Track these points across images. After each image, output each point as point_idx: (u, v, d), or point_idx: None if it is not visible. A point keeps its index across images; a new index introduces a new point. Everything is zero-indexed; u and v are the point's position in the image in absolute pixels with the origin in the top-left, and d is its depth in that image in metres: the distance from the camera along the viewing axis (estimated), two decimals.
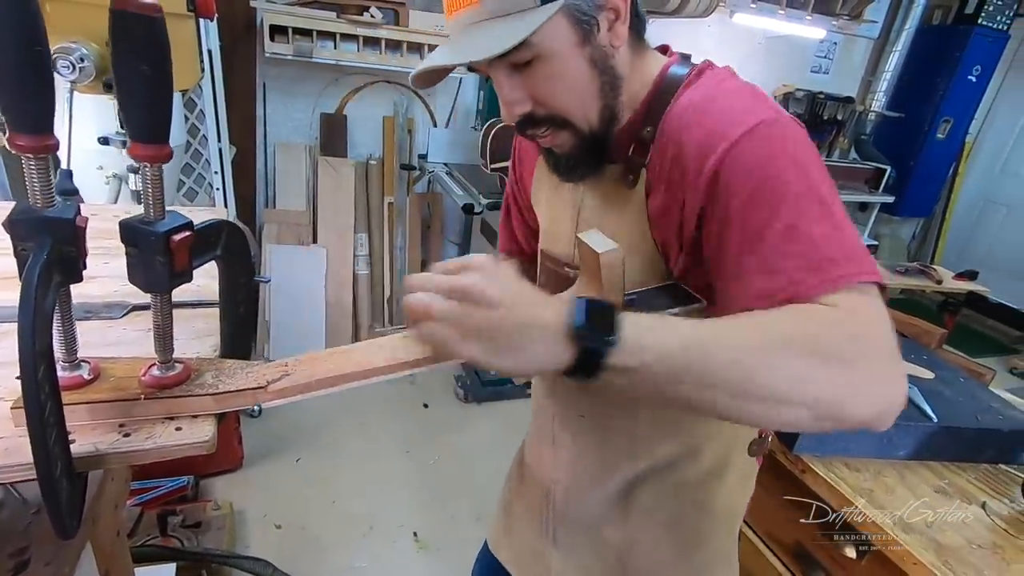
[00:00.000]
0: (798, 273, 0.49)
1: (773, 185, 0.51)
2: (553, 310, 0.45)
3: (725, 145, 0.53)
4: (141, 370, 0.53)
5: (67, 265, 0.43)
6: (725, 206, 0.54)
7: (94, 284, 0.81)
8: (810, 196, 0.51)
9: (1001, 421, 1.08)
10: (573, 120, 0.61)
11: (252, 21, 2.53)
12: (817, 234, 0.50)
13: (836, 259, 0.49)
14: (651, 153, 0.62)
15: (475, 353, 0.44)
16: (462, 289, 0.44)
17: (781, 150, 0.53)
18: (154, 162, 0.43)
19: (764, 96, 0.59)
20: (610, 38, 0.59)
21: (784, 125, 0.55)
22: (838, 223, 0.51)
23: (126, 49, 0.38)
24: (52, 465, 0.39)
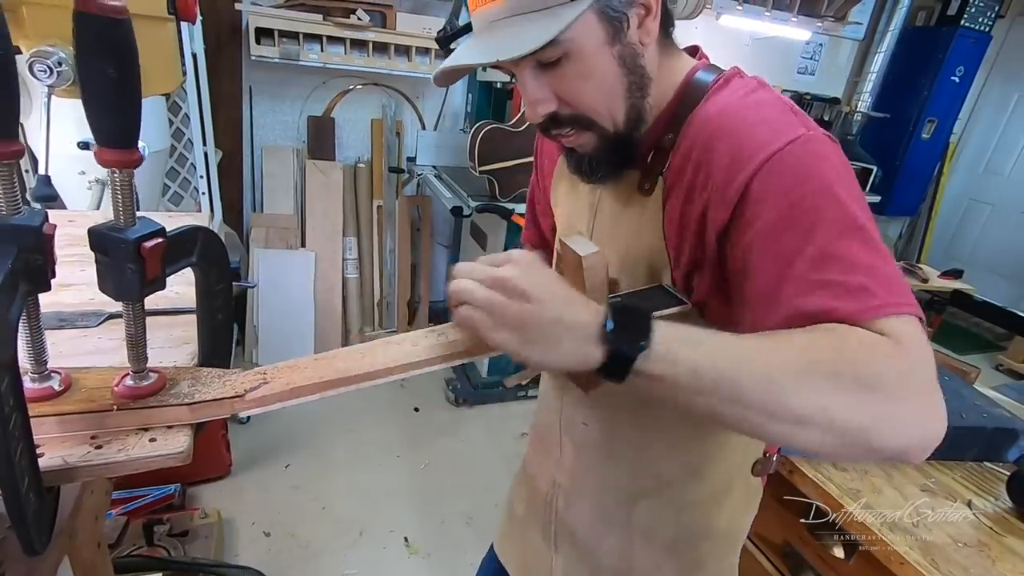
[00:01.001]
0: (835, 300, 0.47)
1: (809, 206, 0.49)
2: (587, 310, 0.46)
3: (759, 159, 0.51)
4: (115, 380, 0.51)
5: (34, 274, 0.41)
6: (754, 223, 0.51)
7: (69, 292, 0.80)
8: (848, 221, 0.49)
9: (985, 419, 1.09)
10: (599, 120, 0.59)
11: (237, 24, 2.51)
12: (856, 261, 0.48)
13: (874, 289, 0.47)
14: (670, 160, 0.61)
15: (507, 341, 0.46)
16: (501, 280, 0.46)
17: (818, 169, 0.51)
18: (123, 167, 0.42)
19: (799, 110, 0.57)
20: (640, 35, 0.57)
21: (820, 143, 0.53)
22: (877, 250, 0.49)
23: (91, 52, 0.37)
24: (17, 480, 0.38)
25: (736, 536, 0.82)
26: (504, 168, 2.36)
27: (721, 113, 0.57)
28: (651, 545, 0.77)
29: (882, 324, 0.46)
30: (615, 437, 0.75)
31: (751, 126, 0.54)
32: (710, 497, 0.76)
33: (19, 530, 0.39)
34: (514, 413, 2.69)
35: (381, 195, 2.96)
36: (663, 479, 0.74)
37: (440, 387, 2.79)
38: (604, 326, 0.45)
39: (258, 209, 2.84)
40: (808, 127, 0.54)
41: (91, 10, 0.36)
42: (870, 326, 0.45)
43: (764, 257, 0.51)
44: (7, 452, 0.36)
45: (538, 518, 0.89)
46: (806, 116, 0.56)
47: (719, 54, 2.80)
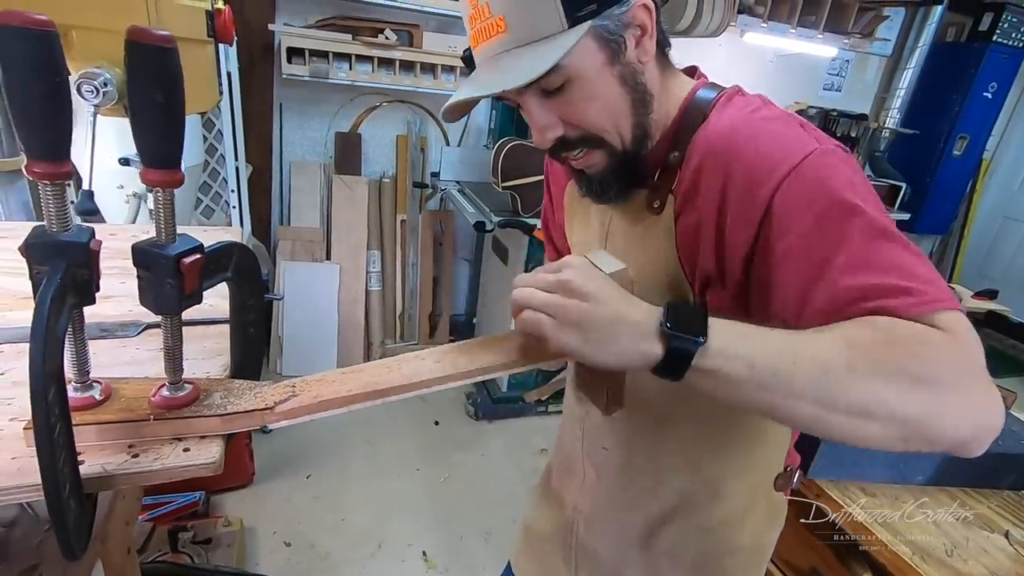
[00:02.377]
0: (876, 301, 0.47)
1: (835, 217, 0.50)
2: (643, 309, 0.47)
3: (778, 175, 0.52)
4: (151, 391, 0.53)
5: (81, 288, 0.43)
6: (783, 239, 0.52)
7: (110, 304, 0.82)
8: (875, 226, 0.49)
9: (1023, 446, 1.05)
10: (607, 138, 0.60)
11: (270, 44, 2.59)
12: (891, 263, 0.48)
13: (915, 288, 0.47)
14: (679, 177, 0.61)
15: (569, 341, 0.47)
16: (561, 283, 0.48)
17: (836, 181, 0.51)
18: (166, 187, 0.44)
19: (811, 127, 0.57)
20: (638, 54, 0.58)
21: (834, 154, 0.53)
22: (911, 251, 0.49)
23: (140, 78, 0.39)
24: (60, 486, 0.39)
25: (762, 552, 0.81)
26: (526, 184, 2.37)
27: (731, 130, 0.57)
28: (676, 566, 0.77)
29: (927, 318, 0.46)
30: (635, 459, 0.75)
31: (764, 142, 0.55)
32: (733, 514, 0.75)
33: (60, 535, 0.40)
34: (534, 428, 2.68)
35: (405, 210, 3.00)
36: (685, 499, 0.73)
37: (460, 401, 2.79)
38: (662, 323, 0.46)
39: (285, 222, 2.90)
40: (819, 140, 0.54)
41: (142, 40, 0.38)
42: (916, 319, 0.45)
43: (795, 270, 0.51)
44: (52, 459, 0.38)
45: (559, 541, 0.89)
46: (815, 128, 0.57)
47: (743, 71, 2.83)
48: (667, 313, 0.46)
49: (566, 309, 0.47)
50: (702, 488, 0.73)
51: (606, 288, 0.48)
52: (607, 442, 0.77)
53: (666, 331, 0.45)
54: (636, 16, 0.56)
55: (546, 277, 0.49)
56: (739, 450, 0.71)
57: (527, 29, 0.54)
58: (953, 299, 0.47)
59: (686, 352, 0.45)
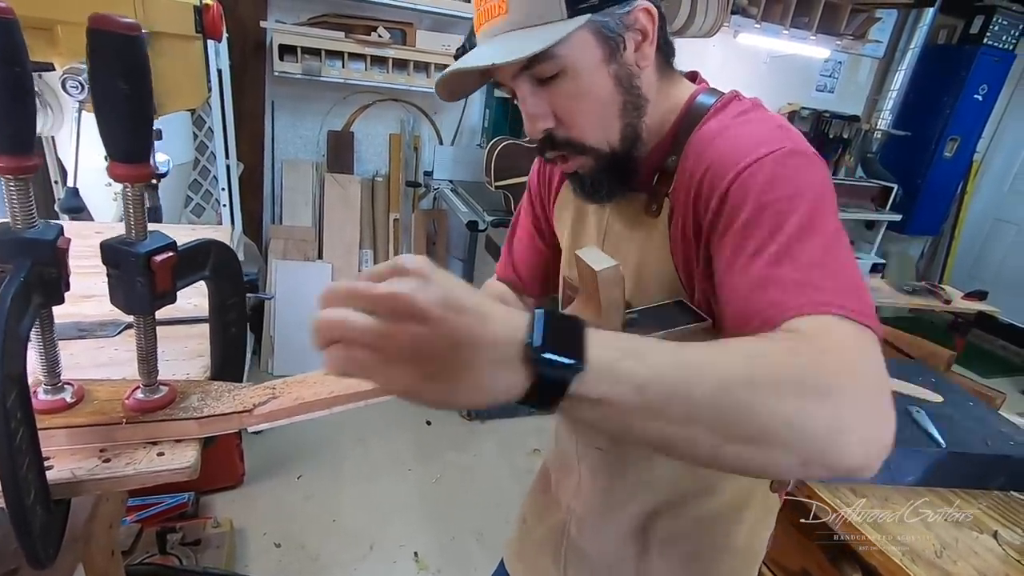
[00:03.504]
0: (784, 294, 0.46)
1: (777, 209, 0.50)
2: (503, 325, 0.36)
3: (737, 168, 0.52)
4: (126, 393, 0.52)
5: (48, 287, 0.42)
6: (728, 226, 0.53)
7: (91, 303, 0.81)
8: (813, 225, 0.49)
9: (1012, 447, 1.05)
10: (592, 144, 0.61)
11: (262, 41, 2.57)
12: (812, 261, 0.47)
13: (824, 287, 0.46)
14: (674, 182, 0.62)
15: (403, 383, 0.35)
16: (387, 298, 0.34)
17: (793, 178, 0.51)
18: (134, 182, 0.42)
19: (789, 128, 0.57)
20: (636, 58, 0.59)
21: (802, 157, 0.53)
22: (839, 256, 0.48)
23: (104, 68, 0.38)
24: (24, 493, 0.38)
25: (755, 553, 0.81)
26: (520, 183, 2.37)
27: (716, 133, 0.58)
28: (668, 561, 0.76)
29: (828, 321, 0.44)
30: (629, 459, 0.75)
31: (733, 140, 0.56)
32: (729, 511, 0.74)
33: (24, 543, 0.39)
34: (526, 428, 2.67)
35: (398, 209, 2.98)
36: (678, 492, 0.73)
37: None
38: (528, 343, 0.35)
39: (277, 221, 2.88)
40: (794, 142, 0.54)
41: (106, 27, 0.37)
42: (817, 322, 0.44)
43: (733, 258, 0.51)
44: (11, 467, 0.36)
45: (549, 541, 0.88)
46: (797, 134, 0.57)
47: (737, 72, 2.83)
48: (533, 326, 0.36)
49: (392, 338, 0.33)
50: (696, 483, 0.73)
51: (453, 299, 0.34)
52: (601, 442, 0.77)
53: (532, 354, 0.35)
54: (638, 19, 0.57)
55: (368, 290, 0.35)
56: None
57: (527, 13, 0.55)
58: (866, 310, 0.45)
59: (559, 380, 0.35)
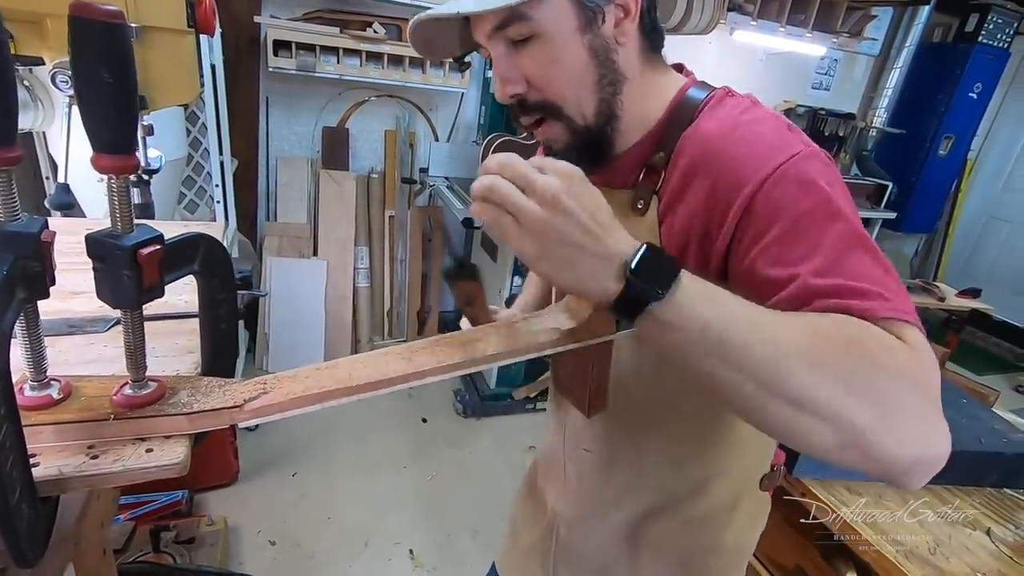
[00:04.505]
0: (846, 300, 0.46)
1: (814, 219, 0.50)
2: (617, 242, 0.43)
3: (761, 175, 0.51)
4: (114, 389, 0.51)
5: (32, 281, 0.41)
6: (761, 238, 0.51)
7: (80, 299, 0.80)
8: (853, 234, 0.49)
9: (1005, 444, 1.06)
10: (566, 109, 0.59)
11: (256, 36, 2.55)
12: (865, 271, 0.48)
13: (885, 295, 0.46)
14: (664, 179, 0.61)
15: (527, 251, 0.43)
16: (541, 189, 0.42)
17: (820, 184, 0.51)
18: (119, 173, 0.42)
19: (794, 127, 0.57)
20: (616, 33, 0.58)
21: (819, 159, 0.53)
22: (883, 264, 0.49)
23: (87, 58, 0.37)
24: (8, 490, 0.37)
25: (744, 552, 0.81)
26: None
27: (721, 132, 0.57)
28: (659, 562, 0.76)
29: (895, 327, 0.45)
30: (618, 461, 0.74)
31: (750, 144, 0.54)
32: (718, 511, 0.74)
33: (9, 542, 0.38)
34: (522, 425, 2.67)
35: (393, 205, 2.97)
36: (667, 495, 0.73)
37: (448, 398, 2.78)
38: (627, 264, 0.42)
39: (272, 218, 2.86)
40: (806, 143, 0.54)
41: (87, 15, 0.36)
42: (884, 326, 0.44)
43: (772, 269, 0.51)
44: None
45: (538, 544, 0.88)
46: (801, 132, 0.56)
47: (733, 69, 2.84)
48: (639, 257, 0.43)
49: (535, 219, 0.42)
50: (685, 485, 0.72)
51: (587, 207, 0.43)
52: (589, 444, 0.76)
53: (629, 274, 0.42)
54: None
55: (527, 174, 0.43)
56: (724, 449, 0.70)
57: None
58: (918, 318, 0.47)
59: (643, 300, 0.42)
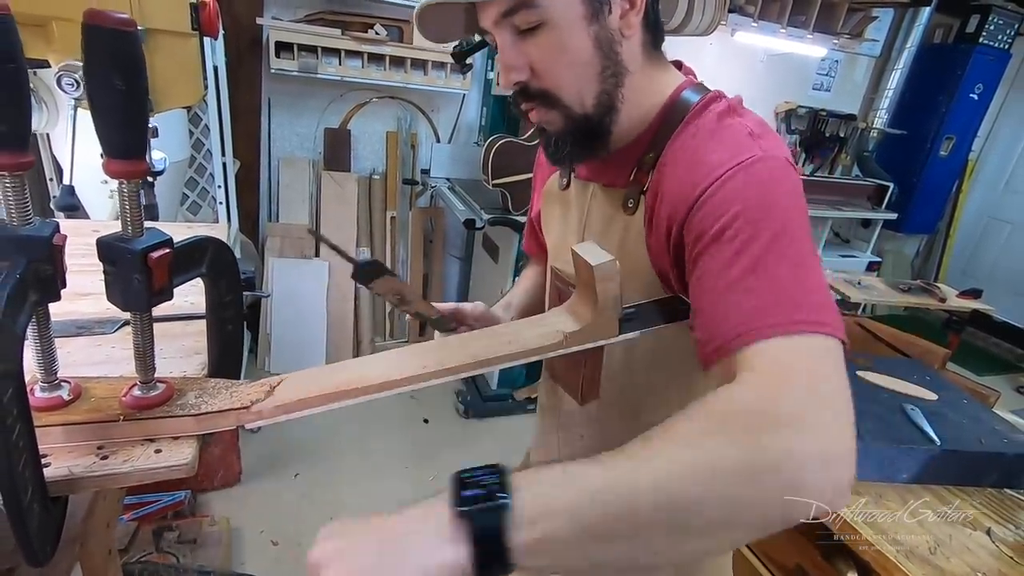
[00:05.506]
0: (755, 312, 0.46)
1: (747, 220, 0.50)
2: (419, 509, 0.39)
3: (706, 183, 0.53)
4: (123, 390, 0.52)
5: (44, 284, 0.42)
6: (701, 237, 0.53)
7: (87, 301, 0.80)
8: (784, 240, 0.49)
9: (1006, 444, 1.06)
10: (565, 100, 0.60)
11: (258, 38, 2.56)
12: (783, 276, 0.47)
13: (799, 304, 0.46)
14: (650, 180, 0.61)
15: None
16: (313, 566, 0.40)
17: (763, 188, 0.51)
18: (130, 178, 0.42)
19: (763, 134, 0.56)
20: (621, 25, 0.59)
21: (772, 163, 0.53)
22: (808, 271, 0.49)
23: (100, 64, 0.37)
24: (21, 490, 0.38)
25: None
26: (517, 181, 2.37)
27: (695, 137, 0.58)
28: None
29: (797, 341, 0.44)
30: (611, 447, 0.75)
31: (708, 151, 0.55)
32: None
33: (22, 541, 0.39)
34: (523, 426, 2.67)
35: (395, 206, 2.98)
36: None
37: (450, 399, 2.78)
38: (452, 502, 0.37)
39: (274, 219, 2.87)
40: (764, 149, 0.54)
41: (100, 23, 0.37)
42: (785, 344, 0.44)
43: (706, 269, 0.51)
44: (10, 463, 0.36)
45: None
46: (770, 139, 0.56)
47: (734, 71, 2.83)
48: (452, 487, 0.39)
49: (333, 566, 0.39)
50: None
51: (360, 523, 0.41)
52: (583, 431, 0.77)
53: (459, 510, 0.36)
54: None
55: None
56: None
57: None
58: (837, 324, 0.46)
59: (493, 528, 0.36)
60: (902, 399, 1.19)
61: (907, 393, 1.22)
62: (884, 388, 1.24)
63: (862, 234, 4.02)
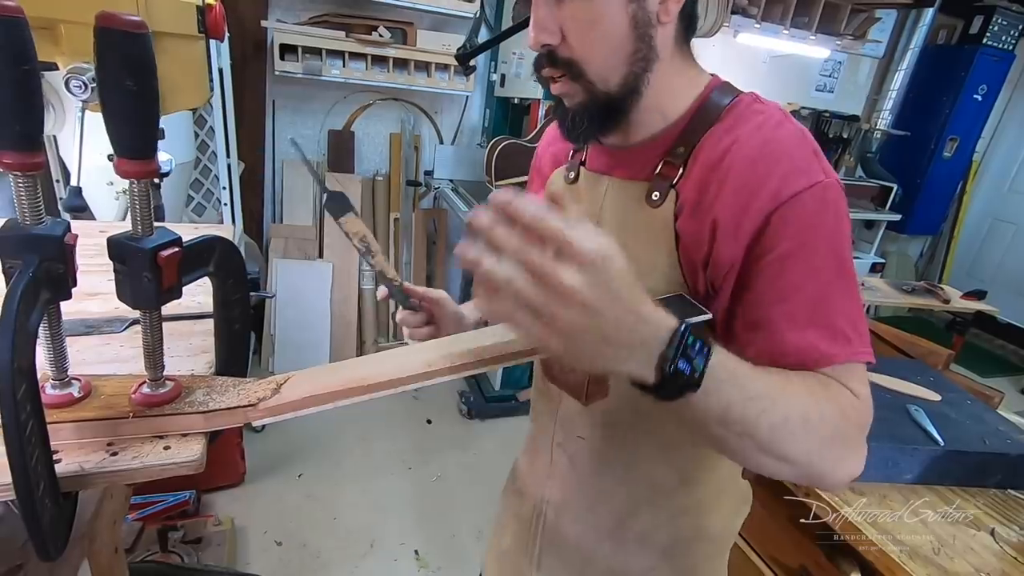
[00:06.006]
0: (818, 340, 0.54)
1: (816, 249, 0.54)
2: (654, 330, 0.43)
3: (784, 195, 0.54)
4: (132, 388, 0.52)
5: (55, 282, 0.43)
6: (766, 255, 0.54)
7: (96, 301, 0.81)
8: (842, 270, 0.55)
9: (1009, 445, 1.06)
10: (590, 74, 0.59)
11: (262, 40, 2.57)
12: (842, 309, 0.55)
13: (851, 337, 0.55)
14: (684, 174, 0.61)
15: (558, 351, 0.41)
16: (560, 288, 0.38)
17: (831, 217, 0.55)
18: (140, 178, 0.43)
19: (819, 151, 0.59)
20: (660, 10, 0.58)
21: (836, 191, 0.56)
22: (857, 301, 0.56)
23: (111, 65, 0.38)
24: (33, 485, 0.38)
25: (728, 538, 0.82)
26: (520, 183, 2.37)
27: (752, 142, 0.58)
28: (645, 552, 0.77)
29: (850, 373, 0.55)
30: (611, 448, 0.75)
31: (779, 161, 0.56)
32: (704, 502, 0.75)
33: (34, 535, 0.39)
34: (526, 427, 2.67)
35: (398, 208, 2.99)
36: (657, 487, 0.74)
37: (453, 399, 2.79)
38: (665, 358, 0.43)
39: (278, 220, 2.88)
40: (827, 173, 0.56)
41: (112, 25, 0.37)
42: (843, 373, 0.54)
43: (768, 286, 0.55)
44: (23, 458, 0.37)
45: (520, 536, 0.88)
46: (824, 158, 0.58)
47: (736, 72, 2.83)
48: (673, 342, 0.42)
49: (558, 319, 0.39)
50: (675, 475, 0.73)
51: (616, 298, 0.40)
52: (582, 431, 0.77)
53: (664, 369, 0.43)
54: None
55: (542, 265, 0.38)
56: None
57: None
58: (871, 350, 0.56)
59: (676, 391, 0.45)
60: (905, 399, 1.19)
61: (910, 394, 1.22)
62: (887, 389, 1.24)
63: (866, 235, 4.02)
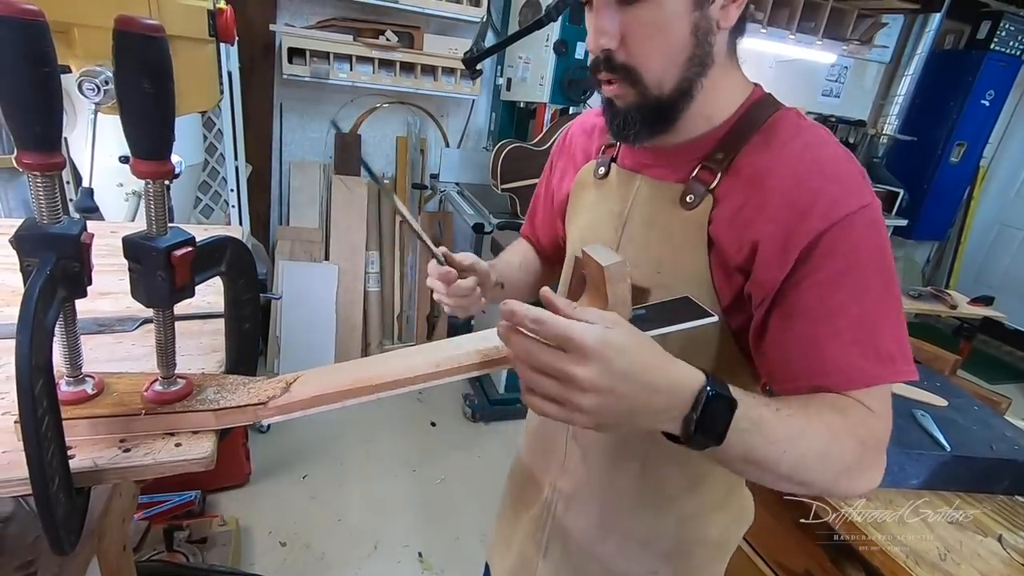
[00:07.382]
0: (861, 360, 0.55)
1: (863, 271, 0.55)
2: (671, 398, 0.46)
3: (836, 216, 0.54)
4: (144, 385, 0.53)
5: (71, 281, 0.43)
6: (814, 273, 0.55)
7: (107, 300, 0.82)
8: (887, 294, 0.56)
9: (1016, 451, 1.05)
10: (646, 80, 0.60)
11: (271, 44, 2.59)
12: (888, 329, 0.56)
13: (895, 357, 0.56)
14: (722, 180, 0.61)
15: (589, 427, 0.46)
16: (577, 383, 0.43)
17: (875, 239, 0.56)
18: (156, 178, 0.44)
19: (865, 172, 0.60)
20: (720, 16, 0.58)
21: (880, 212, 0.58)
22: (902, 321, 0.57)
23: (129, 68, 0.39)
24: (48, 480, 0.39)
25: (728, 545, 0.82)
26: (526, 186, 2.38)
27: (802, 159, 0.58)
28: (647, 553, 0.77)
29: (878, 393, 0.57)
30: (625, 444, 0.75)
31: (829, 181, 0.56)
32: (709, 507, 0.76)
33: (48, 529, 0.40)
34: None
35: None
36: (665, 491, 0.74)
37: (457, 402, 2.79)
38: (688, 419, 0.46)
39: (284, 222, 2.90)
40: (872, 195, 0.57)
41: (130, 29, 0.38)
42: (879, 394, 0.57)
43: (817, 304, 0.56)
44: (39, 453, 0.37)
45: (530, 522, 0.88)
46: (869, 180, 0.59)
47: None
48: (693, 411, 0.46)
49: (581, 406, 0.44)
50: (684, 479, 0.73)
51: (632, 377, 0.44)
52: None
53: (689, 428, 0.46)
54: None
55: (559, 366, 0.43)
56: None
57: None
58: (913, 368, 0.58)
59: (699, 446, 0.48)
60: (912, 404, 1.18)
61: (917, 399, 1.22)
62: (893, 394, 1.23)
63: None
